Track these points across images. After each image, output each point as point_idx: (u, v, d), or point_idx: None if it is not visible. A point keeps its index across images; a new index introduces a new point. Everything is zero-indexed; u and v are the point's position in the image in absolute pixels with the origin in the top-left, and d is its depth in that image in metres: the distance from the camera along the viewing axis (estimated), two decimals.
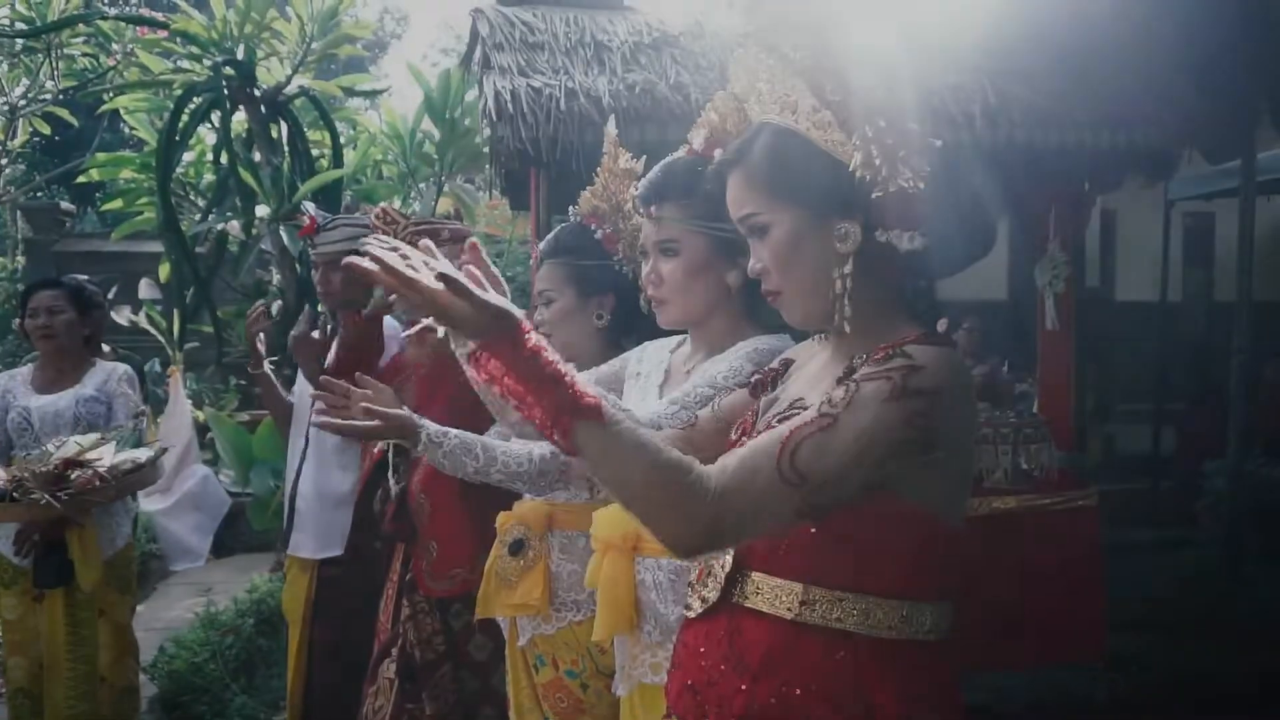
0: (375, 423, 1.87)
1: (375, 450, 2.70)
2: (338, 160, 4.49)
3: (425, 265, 1.05)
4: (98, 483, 2.68)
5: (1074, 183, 4.14)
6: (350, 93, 4.94)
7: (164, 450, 3.10)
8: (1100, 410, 7.12)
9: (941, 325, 1.23)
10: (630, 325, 2.07)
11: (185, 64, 4.49)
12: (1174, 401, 6.74)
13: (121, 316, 6.40)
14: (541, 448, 1.91)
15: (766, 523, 1.11)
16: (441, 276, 1.03)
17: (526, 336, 1.04)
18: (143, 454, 2.87)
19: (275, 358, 3.20)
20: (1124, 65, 3.90)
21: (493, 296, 1.05)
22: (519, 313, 1.06)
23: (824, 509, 1.09)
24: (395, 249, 1.05)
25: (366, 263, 1.02)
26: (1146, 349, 6.84)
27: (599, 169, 2.05)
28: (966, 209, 1.22)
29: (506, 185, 4.78)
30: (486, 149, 4.80)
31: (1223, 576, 5.05)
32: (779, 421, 1.19)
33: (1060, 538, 3.79)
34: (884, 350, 1.13)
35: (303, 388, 3.10)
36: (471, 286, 1.04)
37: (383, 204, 2.60)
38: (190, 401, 6.01)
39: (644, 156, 1.95)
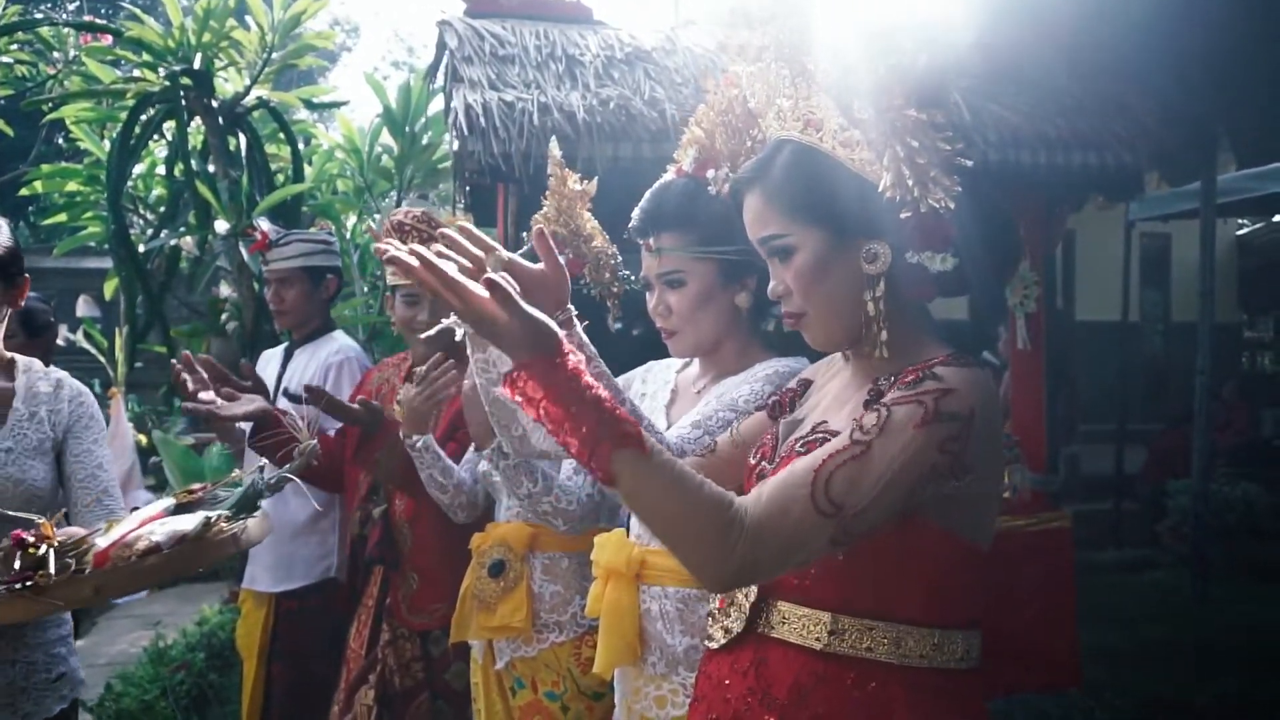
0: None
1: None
2: (298, 174, 4.35)
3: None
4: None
5: (1043, 202, 4.14)
6: (310, 105, 4.80)
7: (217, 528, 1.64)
8: (1062, 430, 7.18)
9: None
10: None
11: (138, 73, 4.31)
12: (1135, 422, 6.82)
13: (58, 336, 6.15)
14: (589, 487, 1.91)
15: (801, 555, 1.08)
16: (489, 283, 0.98)
17: (566, 357, 1.00)
18: (167, 529, 1.58)
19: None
20: (1090, 86, 3.93)
21: (536, 311, 1.01)
22: (560, 331, 1.01)
23: (857, 536, 1.06)
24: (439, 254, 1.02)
25: (407, 257, 1.00)
26: (1107, 369, 6.91)
27: (547, 191, 1.95)
28: (991, 229, 1.20)
29: (470, 201, 4.68)
30: (447, 163, 4.69)
31: (1190, 597, 5.09)
32: (803, 447, 1.16)
33: (1034, 560, 3.76)
34: (913, 373, 1.11)
35: None
36: (518, 298, 0.99)
37: (420, 209, 2.48)
38: (133, 425, 5.78)
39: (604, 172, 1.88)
